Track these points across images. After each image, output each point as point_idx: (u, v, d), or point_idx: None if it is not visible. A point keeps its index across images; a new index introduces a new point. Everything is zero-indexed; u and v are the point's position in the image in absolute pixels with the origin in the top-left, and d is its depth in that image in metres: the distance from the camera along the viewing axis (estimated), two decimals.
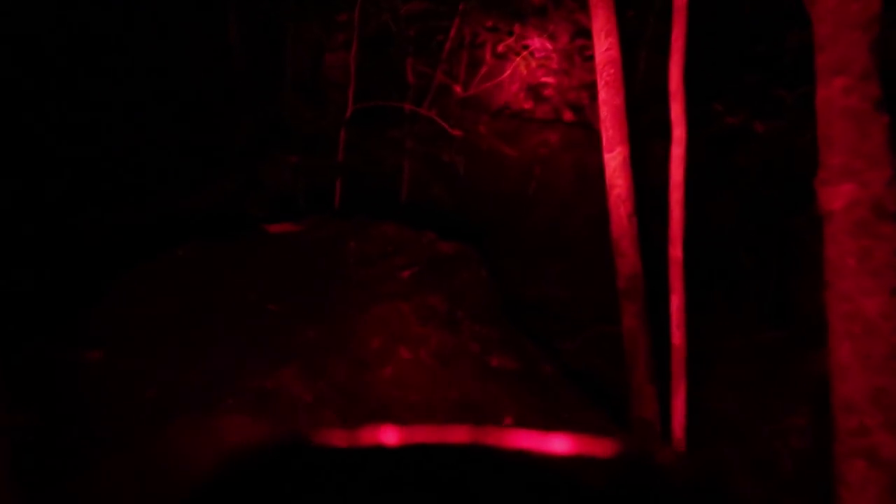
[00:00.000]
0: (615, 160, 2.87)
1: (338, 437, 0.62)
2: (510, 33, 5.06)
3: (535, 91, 5.87)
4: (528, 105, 5.80)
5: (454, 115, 4.52)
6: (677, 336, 2.57)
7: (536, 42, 5.56)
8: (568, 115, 5.65)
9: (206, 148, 4.04)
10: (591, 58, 3.16)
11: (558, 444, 0.60)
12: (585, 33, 3.41)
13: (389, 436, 0.61)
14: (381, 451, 0.61)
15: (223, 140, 4.13)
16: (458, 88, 4.46)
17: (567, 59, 5.96)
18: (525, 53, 5.20)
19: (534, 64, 5.65)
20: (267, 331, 2.75)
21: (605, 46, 2.98)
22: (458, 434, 0.62)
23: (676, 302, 2.55)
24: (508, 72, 5.31)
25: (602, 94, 2.97)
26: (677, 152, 2.50)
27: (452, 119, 4.17)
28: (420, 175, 4.52)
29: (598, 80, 2.99)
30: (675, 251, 2.56)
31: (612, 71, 2.94)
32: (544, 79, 5.94)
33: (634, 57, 4.60)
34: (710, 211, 3.82)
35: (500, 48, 5.14)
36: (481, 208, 4.85)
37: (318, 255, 3.30)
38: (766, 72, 3.63)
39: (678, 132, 2.49)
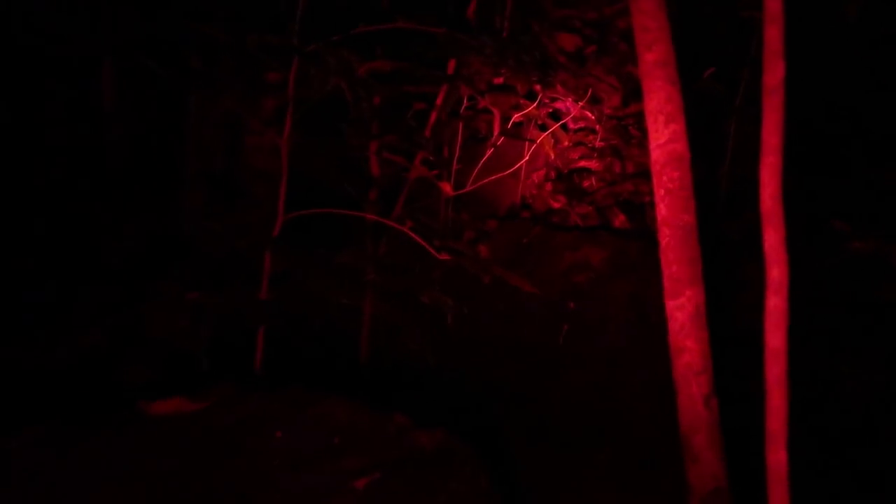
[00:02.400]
0: (683, 311, 3.01)
1: None
2: (530, 95, 5.33)
3: (568, 183, 6.17)
4: (557, 204, 6.07)
5: (441, 227, 4.73)
6: None
7: (570, 107, 5.89)
8: (620, 220, 5.91)
9: (57, 277, 4.19)
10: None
11: None
12: None
13: None
14: None
15: (85, 265, 4.29)
16: (446, 186, 4.69)
17: (618, 133, 6.30)
18: (553, 126, 5.48)
19: (566, 141, 5.97)
20: None
21: (664, 137, 3.19)
22: None
23: None
24: (528, 155, 5.59)
25: (661, 210, 3.16)
26: (775, 304, 2.64)
27: (438, 234, 4.36)
28: (387, 323, 4.67)
29: (656, 187, 3.18)
30: (777, 454, 2.65)
31: (675, 175, 3.14)
32: (583, 163, 6.27)
33: (716, 147, 4.90)
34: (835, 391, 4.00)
35: (515, 118, 5.44)
36: (483, 372, 4.97)
37: (226, 451, 3.36)
38: None
39: (775, 273, 2.65)
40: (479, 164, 5.19)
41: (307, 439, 3.44)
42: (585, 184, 6.14)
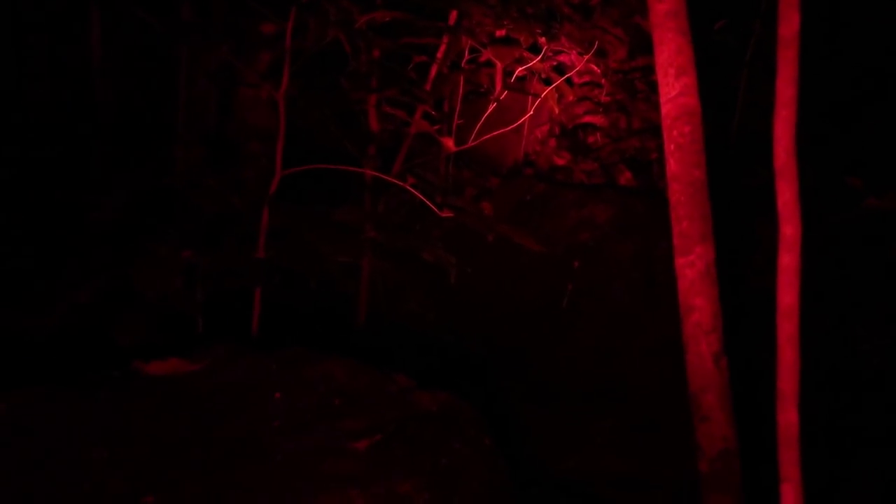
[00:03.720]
0: (693, 268, 3.05)
1: None
2: (534, 48, 5.31)
3: (572, 139, 6.19)
4: (561, 161, 6.10)
5: (442, 183, 4.76)
6: None
7: (575, 60, 5.90)
8: (626, 177, 5.94)
9: (45, 237, 4.22)
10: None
11: None
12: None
13: None
14: None
15: (72, 224, 4.32)
16: (448, 141, 4.72)
17: (625, 88, 6.31)
18: (557, 80, 5.48)
19: (571, 96, 5.98)
20: None
21: (675, 91, 3.21)
22: None
23: (790, 494, 2.68)
24: (531, 110, 5.61)
25: (671, 165, 3.18)
26: (788, 261, 2.68)
27: (439, 191, 4.38)
28: (387, 282, 4.72)
29: (666, 141, 3.21)
30: (788, 415, 2.70)
31: (686, 129, 3.15)
32: (588, 118, 6.29)
33: (727, 101, 4.91)
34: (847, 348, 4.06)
35: (518, 72, 5.44)
36: (485, 333, 5.02)
37: (224, 413, 3.40)
38: None
39: (788, 230, 2.68)
40: (482, 120, 5.20)
41: (307, 401, 3.49)
42: (590, 140, 6.15)
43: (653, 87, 5.04)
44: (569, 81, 5.83)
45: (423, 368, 3.97)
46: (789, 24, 2.70)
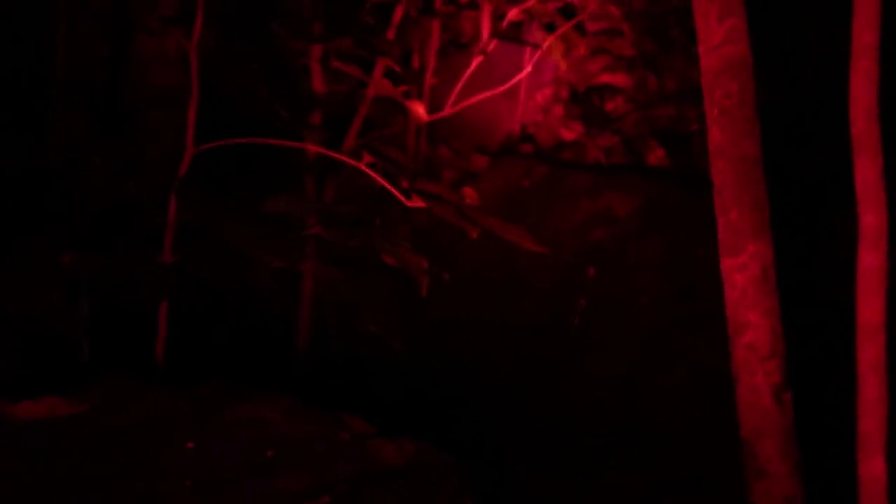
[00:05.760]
0: (745, 273, 3.03)
1: None
2: None
3: (585, 105, 6.19)
4: (570, 135, 6.10)
5: (411, 164, 4.74)
6: None
7: (588, 0, 5.90)
8: (657, 156, 5.95)
9: None
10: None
11: None
12: None
13: None
14: None
15: None
16: (417, 107, 4.69)
17: (655, 37, 6.31)
18: (564, 25, 5.48)
19: (583, 48, 5.98)
20: None
21: (718, 37, 3.22)
22: None
23: None
24: (529, 66, 5.60)
25: (715, 135, 3.18)
26: (870, 261, 2.68)
27: (407, 173, 4.35)
28: (338, 295, 4.69)
29: (708, 105, 3.21)
30: (873, 465, 2.70)
31: (733, 87, 3.16)
32: (606, 77, 6.29)
33: (789, 51, 4.87)
34: None
35: (512, 15, 5.42)
36: (469, 363, 5.01)
37: (117, 470, 3.37)
38: None
39: (870, 219, 2.68)
40: (463, 79, 5.17)
41: (229, 452, 3.47)
42: (609, 106, 6.16)
43: (692, 37, 5.04)
44: (579, 28, 5.83)
45: (386, 410, 3.96)
46: None
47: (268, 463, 3.43)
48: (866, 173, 2.68)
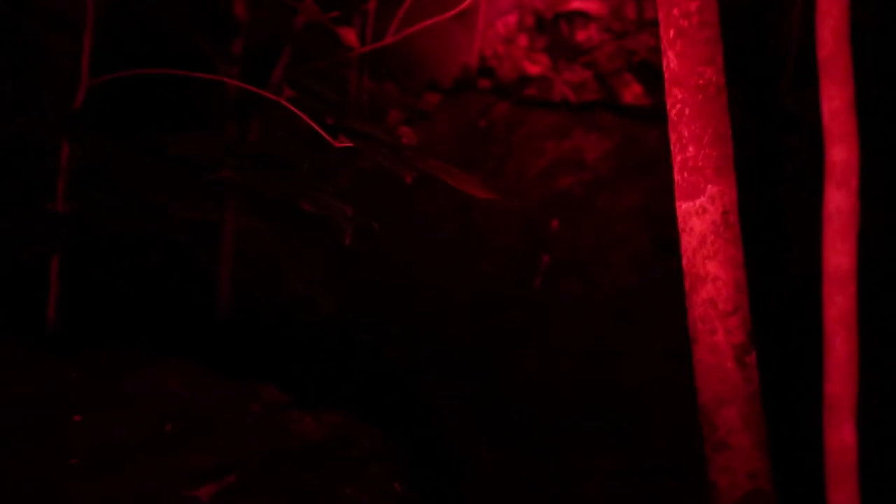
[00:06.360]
0: (703, 217, 3.00)
1: None
2: None
3: (553, 34, 6.17)
4: (535, 68, 6.08)
5: (350, 101, 4.70)
6: None
7: None
8: (634, 92, 5.93)
9: None
10: None
11: None
12: None
13: None
14: None
15: None
16: (349, 34, 4.64)
17: None
18: None
19: None
20: None
21: None
22: None
23: None
24: None
25: (670, 60, 3.14)
26: (839, 202, 2.65)
27: (335, 108, 4.32)
28: (259, 248, 4.65)
29: (662, 25, 3.17)
30: (842, 433, 2.68)
31: (692, 4, 3.12)
32: (576, 3, 6.27)
33: None
34: None
35: None
36: (414, 327, 5.00)
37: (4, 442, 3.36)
38: None
39: (839, 153, 2.65)
40: (408, 2, 5.14)
41: (123, 426, 3.44)
42: (581, 36, 6.15)
43: None
44: None
45: (312, 380, 3.94)
46: None
47: (167, 438, 3.40)
48: (834, 102, 2.64)
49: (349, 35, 4.47)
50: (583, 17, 6.13)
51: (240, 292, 4.84)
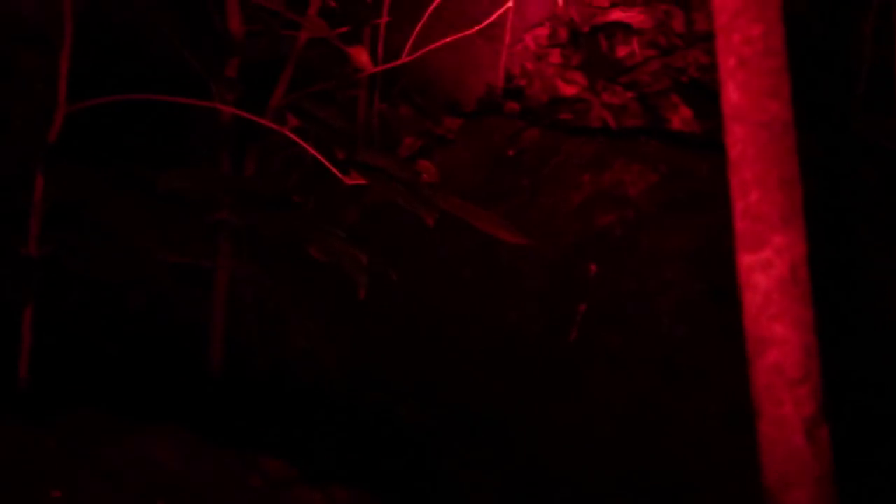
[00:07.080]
0: (769, 273, 3.03)
1: None
2: None
3: (590, 51, 6.22)
4: (570, 89, 6.13)
5: (359, 129, 4.74)
6: None
7: None
8: (682, 117, 5.97)
9: None
10: None
11: None
12: None
13: None
14: None
15: None
16: (361, 54, 4.69)
17: None
18: None
19: None
20: None
21: None
22: None
23: None
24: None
25: (730, 93, 3.19)
26: None
27: (347, 140, 4.37)
28: (255, 294, 4.69)
29: (721, 53, 3.22)
30: None
31: (756, 31, 3.16)
32: (618, 14, 6.32)
33: None
34: None
35: None
36: (429, 388, 5.03)
37: None
38: None
39: None
40: (426, 15, 5.19)
41: (109, 503, 3.48)
42: (621, 52, 6.19)
43: None
44: None
45: (317, 446, 3.97)
46: None
47: None
48: None
49: (361, 55, 4.51)
50: (624, 30, 6.16)
51: (233, 344, 4.87)
